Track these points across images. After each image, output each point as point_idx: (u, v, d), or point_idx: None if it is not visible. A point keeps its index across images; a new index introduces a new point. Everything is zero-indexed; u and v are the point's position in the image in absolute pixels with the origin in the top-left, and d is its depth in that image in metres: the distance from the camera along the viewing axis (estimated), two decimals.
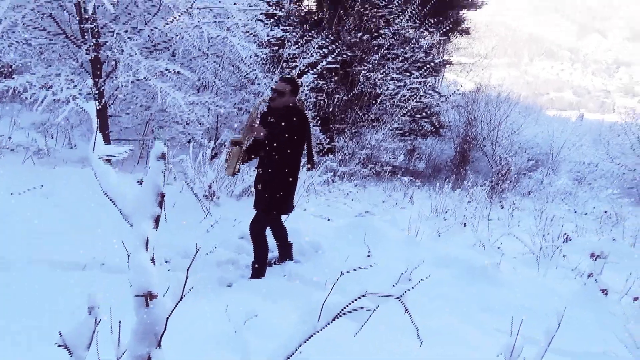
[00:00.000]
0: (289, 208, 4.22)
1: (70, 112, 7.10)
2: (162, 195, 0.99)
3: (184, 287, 0.96)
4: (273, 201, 4.03)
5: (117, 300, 1.67)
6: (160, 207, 1.00)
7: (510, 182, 16.52)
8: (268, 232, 4.35)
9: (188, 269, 1.04)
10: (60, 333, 0.99)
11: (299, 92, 4.14)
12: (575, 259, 6.29)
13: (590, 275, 4.90)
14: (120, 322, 1.09)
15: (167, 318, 0.96)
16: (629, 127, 20.82)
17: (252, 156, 4.19)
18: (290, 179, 4.04)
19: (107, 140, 8.15)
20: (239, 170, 4.06)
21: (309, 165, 4.15)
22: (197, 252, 1.13)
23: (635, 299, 4.66)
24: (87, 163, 7.72)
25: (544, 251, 6.01)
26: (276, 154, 3.90)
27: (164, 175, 0.97)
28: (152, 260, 0.98)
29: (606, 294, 4.78)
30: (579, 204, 16.29)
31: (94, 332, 0.99)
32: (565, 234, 7.94)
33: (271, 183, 4.00)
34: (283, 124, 3.86)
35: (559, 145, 25.64)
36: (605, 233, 9.71)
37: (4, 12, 5.96)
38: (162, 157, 0.99)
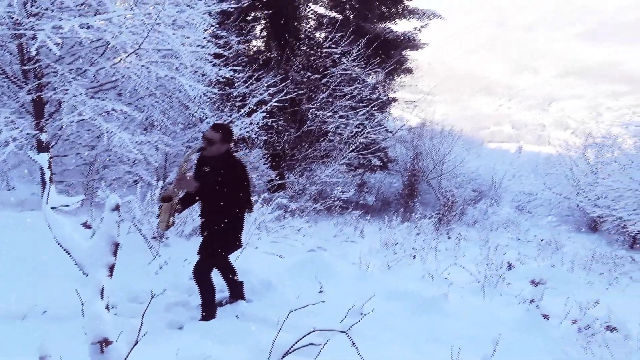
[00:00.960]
0: (234, 249, 4.23)
1: (9, 154, 6.85)
2: (117, 245, 1.03)
3: (139, 332, 0.99)
4: (217, 245, 4.05)
5: (66, 350, 1.65)
6: (115, 256, 1.04)
7: (456, 213, 17.07)
8: (218, 272, 4.33)
9: (143, 315, 1.07)
10: None
11: (232, 138, 4.13)
12: (518, 285, 6.55)
13: (532, 301, 5.14)
14: None
15: None
16: (563, 159, 22.15)
17: (188, 204, 4.21)
18: (232, 223, 4.06)
19: (50, 181, 7.88)
20: (173, 223, 4.06)
21: (247, 210, 4.21)
22: (152, 298, 1.16)
23: (574, 322, 4.93)
24: (27, 206, 7.43)
25: (489, 280, 6.25)
26: (215, 203, 3.92)
27: (118, 225, 1.01)
28: (107, 307, 1.01)
29: (547, 318, 5.02)
30: (521, 232, 17.01)
31: None
32: (508, 262, 8.27)
33: (215, 229, 4.00)
34: (217, 172, 3.89)
35: (500, 176, 26.83)
36: (545, 259, 10.18)
37: None
38: (117, 208, 1.04)
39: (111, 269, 1.05)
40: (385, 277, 6.16)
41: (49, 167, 5.81)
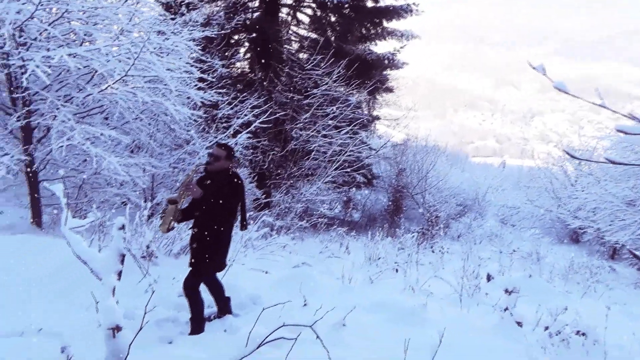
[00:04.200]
0: (221, 265, 4.47)
1: None
2: (124, 256, 1.27)
3: (142, 321, 1.23)
4: (206, 260, 4.27)
5: None
6: (122, 264, 1.28)
7: (440, 228, 17.38)
8: (205, 288, 4.53)
9: (146, 306, 1.30)
10: None
11: (234, 157, 4.49)
12: (496, 295, 6.82)
13: (506, 309, 5.41)
14: None
15: (130, 345, 1.22)
16: (543, 172, 22.70)
17: (187, 217, 4.45)
18: (223, 239, 4.30)
19: (37, 205, 8.04)
20: (173, 227, 4.29)
21: (241, 227, 4.46)
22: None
23: (546, 328, 5.19)
24: (17, 230, 7.56)
25: (467, 290, 6.51)
26: (210, 215, 4.17)
27: (124, 241, 1.25)
28: (117, 303, 1.25)
29: (521, 325, 5.28)
30: (504, 244, 17.36)
31: None
32: (488, 273, 8.55)
33: (204, 242, 4.23)
34: (218, 187, 4.17)
35: (484, 190, 27.31)
36: (525, 270, 10.47)
37: None
38: (123, 227, 1.29)
39: (119, 274, 1.29)
40: (367, 290, 6.39)
41: (28, 184, 5.95)
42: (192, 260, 4.30)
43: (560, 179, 21.44)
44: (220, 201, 4.15)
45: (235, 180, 4.31)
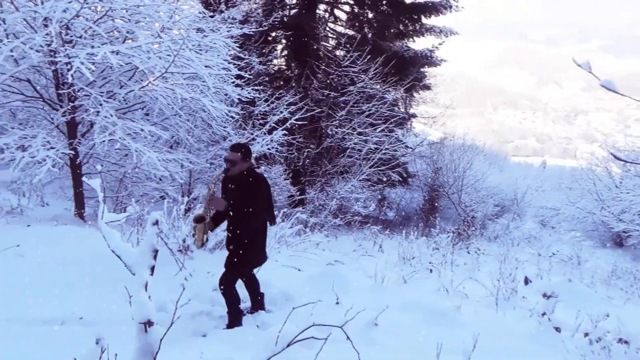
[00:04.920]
0: (259, 262, 4.52)
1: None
2: (156, 251, 1.30)
3: (173, 316, 1.25)
4: (244, 259, 4.32)
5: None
6: (155, 259, 1.31)
7: (477, 228, 17.06)
8: (240, 283, 4.59)
9: (177, 302, 1.33)
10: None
11: (251, 155, 4.44)
12: (534, 300, 6.64)
13: (543, 314, 5.26)
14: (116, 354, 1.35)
15: (161, 340, 1.24)
16: (586, 173, 21.92)
17: (219, 222, 4.53)
18: (256, 238, 4.34)
19: (80, 198, 8.32)
20: (207, 240, 4.42)
21: (270, 223, 4.50)
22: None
23: (586, 335, 5.02)
24: (61, 221, 7.85)
25: (503, 293, 6.36)
26: (240, 218, 4.21)
27: (157, 236, 1.27)
28: (149, 298, 1.27)
29: (559, 331, 5.12)
30: (543, 247, 16.89)
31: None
32: (525, 276, 8.34)
33: (240, 243, 4.28)
34: (242, 188, 4.19)
35: (523, 190, 26.61)
36: (565, 274, 10.16)
37: None
38: (156, 223, 1.31)
39: (152, 269, 1.32)
40: (400, 290, 6.33)
41: (72, 177, 6.17)
42: (230, 261, 4.36)
43: (604, 181, 20.64)
44: (247, 203, 4.17)
45: (257, 179, 4.31)
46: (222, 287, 4.32)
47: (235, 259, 4.32)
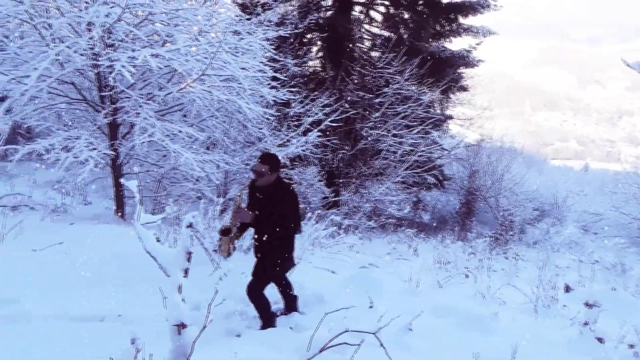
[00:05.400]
0: (286, 269, 4.54)
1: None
2: (190, 254, 1.31)
3: (206, 319, 1.26)
4: (271, 267, 4.35)
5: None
6: (189, 262, 1.32)
7: (515, 233, 16.65)
8: (272, 285, 4.62)
9: (210, 304, 1.34)
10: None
11: (279, 166, 4.38)
12: (575, 308, 6.42)
13: (585, 323, 5.06)
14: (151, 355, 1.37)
15: (194, 342, 1.25)
16: (631, 177, 21.08)
17: (245, 230, 4.58)
18: (283, 247, 4.36)
19: (120, 197, 8.55)
20: (234, 249, 4.47)
21: (296, 232, 4.51)
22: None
23: (631, 346, 4.81)
24: (102, 220, 8.09)
25: (542, 301, 6.17)
26: (267, 227, 4.22)
27: (191, 239, 1.28)
28: (183, 300, 1.28)
29: (602, 342, 4.92)
30: (585, 253, 16.33)
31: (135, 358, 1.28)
32: (566, 284, 8.07)
33: (267, 252, 4.30)
34: (269, 199, 4.20)
35: (563, 194, 25.82)
36: (608, 282, 9.80)
37: (33, 81, 6.50)
38: (190, 225, 1.33)
39: (186, 271, 1.33)
40: (435, 294, 6.23)
41: (113, 176, 6.35)
42: (257, 269, 4.39)
43: None
44: (274, 213, 4.17)
45: (285, 190, 4.31)
46: (249, 295, 4.35)
47: (263, 268, 4.35)
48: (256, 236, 4.36)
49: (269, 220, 4.19)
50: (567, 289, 7.94)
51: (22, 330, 3.62)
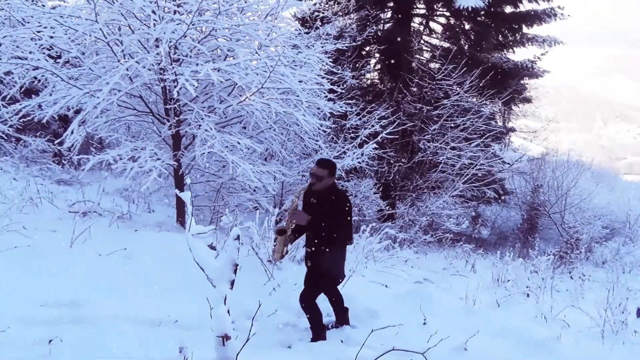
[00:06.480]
0: (337, 279, 4.52)
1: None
2: (237, 266, 1.35)
3: (249, 332, 1.28)
4: (322, 277, 4.35)
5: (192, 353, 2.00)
6: (235, 274, 1.35)
7: (581, 251, 15.77)
8: (324, 297, 4.62)
9: (253, 318, 1.36)
10: None
11: (336, 172, 4.45)
12: None
13: None
14: None
15: (237, 354, 1.28)
16: None
17: (298, 235, 4.60)
18: (335, 255, 4.35)
19: (182, 206, 8.86)
20: (287, 252, 4.53)
21: (348, 242, 4.49)
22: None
23: None
24: (164, 227, 8.42)
25: (611, 326, 5.80)
26: (320, 233, 4.23)
27: (238, 251, 1.32)
28: (228, 312, 1.32)
29: None
30: None
31: None
32: (638, 308, 7.54)
33: (319, 260, 4.31)
34: (324, 204, 4.21)
35: (637, 212, 24.23)
36: None
37: (104, 95, 6.90)
38: (238, 238, 1.36)
39: (232, 283, 1.37)
40: (493, 314, 6.01)
41: (176, 186, 6.60)
42: (308, 278, 4.41)
43: None
44: (328, 219, 4.17)
45: (340, 197, 4.31)
46: (302, 303, 4.37)
47: (313, 275, 4.36)
48: (310, 243, 4.39)
49: (322, 225, 4.21)
50: (639, 313, 7.42)
51: (91, 331, 3.80)
